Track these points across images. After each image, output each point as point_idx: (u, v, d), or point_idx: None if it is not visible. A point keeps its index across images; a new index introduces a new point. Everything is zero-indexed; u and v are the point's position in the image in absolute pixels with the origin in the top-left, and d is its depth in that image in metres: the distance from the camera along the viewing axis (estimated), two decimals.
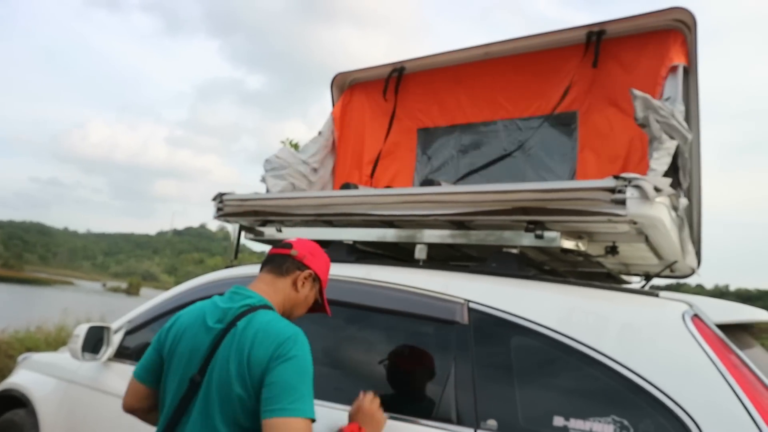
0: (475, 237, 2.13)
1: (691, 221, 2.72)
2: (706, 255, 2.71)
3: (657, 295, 1.72)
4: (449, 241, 2.22)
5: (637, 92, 2.15)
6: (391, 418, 1.76)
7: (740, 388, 1.43)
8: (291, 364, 1.48)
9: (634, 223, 1.79)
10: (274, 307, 1.68)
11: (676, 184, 2.36)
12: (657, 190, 1.72)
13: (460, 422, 1.68)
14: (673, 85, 2.49)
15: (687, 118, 2.59)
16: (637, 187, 1.71)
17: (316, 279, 1.79)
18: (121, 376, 2.73)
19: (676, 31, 2.65)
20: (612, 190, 1.75)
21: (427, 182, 2.84)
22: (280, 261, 1.76)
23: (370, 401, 1.71)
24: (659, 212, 1.76)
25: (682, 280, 2.84)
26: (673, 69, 2.55)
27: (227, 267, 2.77)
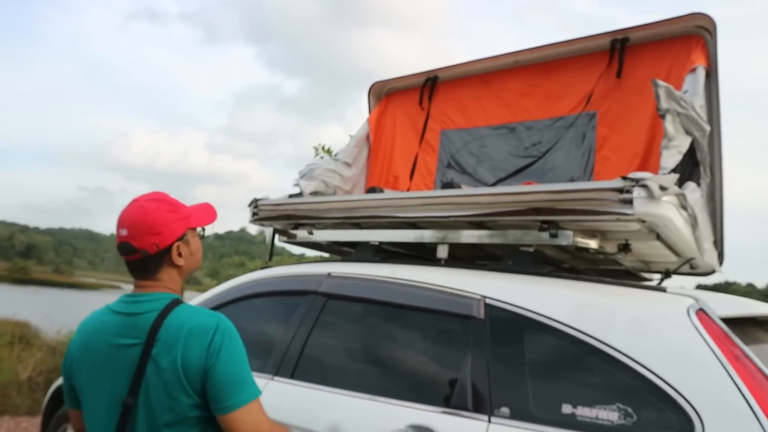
0: (493, 237, 2.24)
1: (714, 219, 2.77)
2: (758, 254, 2.73)
3: (665, 291, 1.81)
4: (470, 241, 2.34)
5: (660, 82, 2.22)
6: (410, 405, 1.89)
7: (741, 380, 1.49)
8: (225, 356, 1.45)
9: (643, 221, 1.87)
10: (179, 294, 1.60)
11: (696, 179, 2.42)
12: (663, 188, 1.80)
13: (476, 410, 1.79)
14: (693, 81, 2.54)
15: (709, 118, 2.65)
16: (644, 186, 1.79)
17: (182, 238, 1.59)
18: None
19: (698, 36, 2.71)
20: (620, 190, 1.83)
21: (447, 185, 2.95)
22: (142, 265, 1.57)
23: None
24: (666, 211, 1.83)
25: (728, 280, 2.88)
26: (693, 69, 2.60)
27: (263, 268, 2.94)
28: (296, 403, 2.17)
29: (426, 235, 2.43)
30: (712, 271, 2.76)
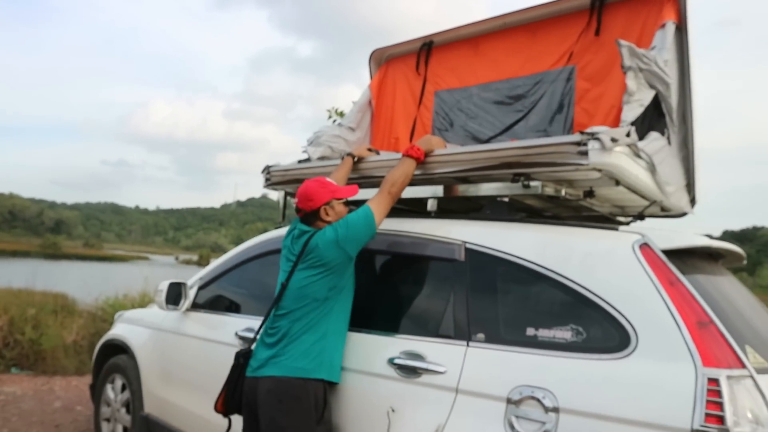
0: (474, 189, 2.53)
1: (687, 164, 3.00)
2: None
3: (617, 229, 2.09)
4: (455, 194, 2.63)
5: (622, 41, 2.45)
6: (403, 336, 2.23)
7: (671, 301, 1.78)
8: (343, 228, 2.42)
9: (599, 170, 2.13)
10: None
11: (661, 129, 2.65)
12: (614, 140, 2.06)
13: (457, 337, 2.12)
14: (661, 37, 2.73)
15: (681, 72, 2.85)
16: (598, 139, 2.05)
17: (327, 204, 2.46)
18: (197, 322, 3.33)
19: None
20: (578, 144, 2.10)
21: None
22: (306, 218, 2.54)
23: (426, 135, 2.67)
24: (618, 160, 2.10)
25: (756, 225, 3.13)
26: (663, 25, 2.80)
27: (276, 228, 3.28)
28: None
29: (417, 191, 2.72)
30: (684, 214, 3.01)
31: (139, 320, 3.88)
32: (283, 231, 3.15)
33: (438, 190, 2.69)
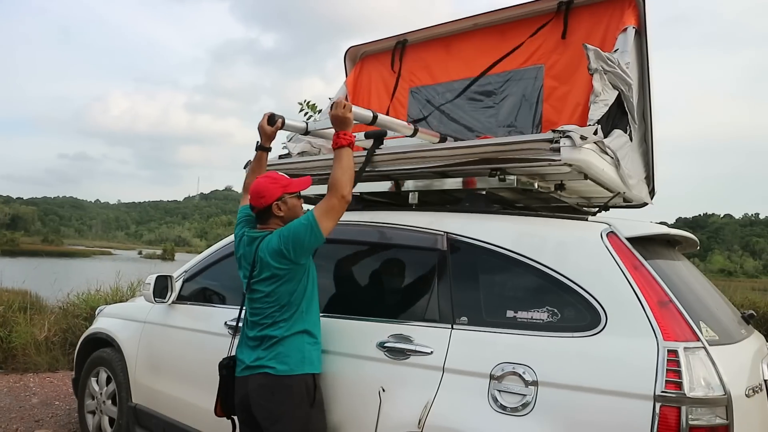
0: (453, 183, 2.70)
1: (647, 158, 3.24)
2: (736, 184, 3.15)
3: (586, 219, 2.29)
4: (434, 188, 2.79)
5: (589, 46, 2.66)
6: (392, 321, 2.39)
7: (635, 283, 1.98)
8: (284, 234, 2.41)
9: (570, 165, 2.32)
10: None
11: (623, 126, 2.86)
12: (583, 138, 2.25)
13: (442, 320, 2.30)
14: (623, 41, 2.95)
15: (641, 73, 3.07)
16: (568, 137, 2.24)
17: (279, 199, 2.47)
18: (184, 314, 3.42)
19: None
20: (550, 141, 2.28)
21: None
22: (260, 216, 2.55)
23: (334, 109, 2.47)
24: (587, 156, 2.29)
25: (707, 212, 3.40)
26: (624, 29, 3.01)
27: None
28: None
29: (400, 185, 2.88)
30: (644, 204, 3.24)
31: (123, 314, 3.94)
32: None
33: (417, 183, 2.84)
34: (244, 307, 2.55)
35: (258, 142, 2.90)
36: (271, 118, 2.81)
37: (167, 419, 3.32)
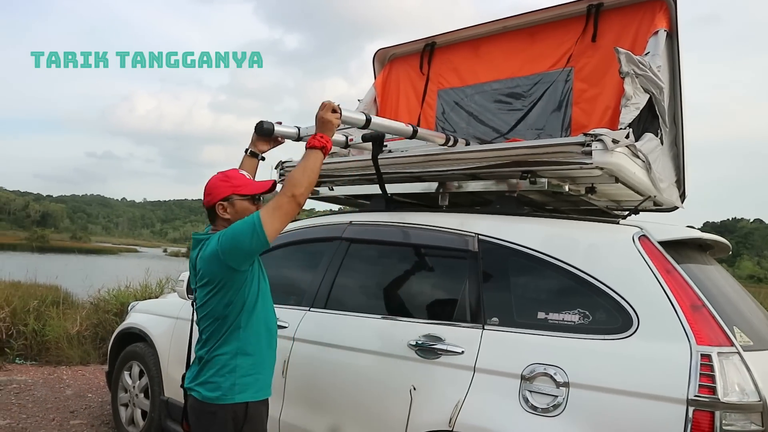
0: (485, 186, 2.72)
1: (678, 162, 3.22)
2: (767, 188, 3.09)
3: (618, 222, 2.30)
4: (467, 190, 2.82)
5: (620, 49, 2.65)
6: (422, 321, 2.42)
7: (668, 287, 1.99)
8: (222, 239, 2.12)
9: (601, 168, 2.33)
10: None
11: (654, 130, 2.86)
12: (615, 141, 2.26)
13: (473, 321, 2.32)
14: (654, 44, 2.94)
15: (672, 76, 3.06)
16: (600, 141, 2.25)
17: (226, 199, 2.23)
18: None
19: (661, 1, 3.09)
20: (582, 144, 2.29)
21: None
22: (208, 215, 2.32)
23: (320, 110, 2.24)
24: (618, 159, 2.30)
25: (736, 216, 3.36)
26: (656, 32, 3.00)
27: (292, 221, 3.45)
28: (331, 327, 2.73)
29: (430, 186, 2.91)
30: (675, 207, 3.23)
31: (155, 310, 4.04)
32: (299, 223, 3.33)
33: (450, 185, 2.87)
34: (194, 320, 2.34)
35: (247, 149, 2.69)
36: (259, 126, 2.60)
37: None
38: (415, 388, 2.29)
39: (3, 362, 6.32)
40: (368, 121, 2.54)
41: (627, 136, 2.34)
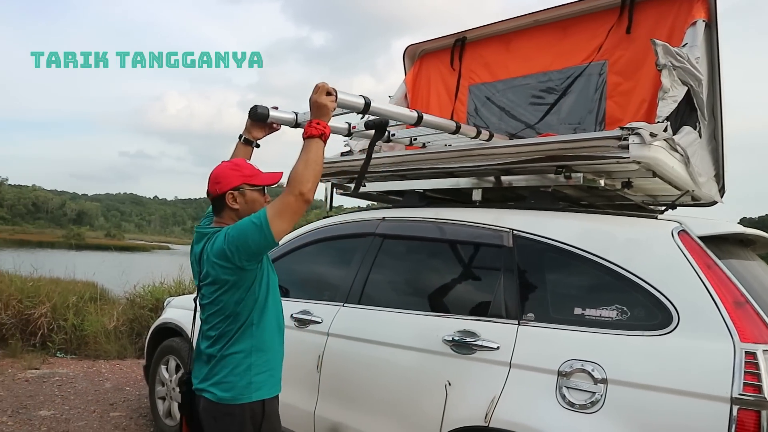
0: (519, 181, 2.70)
1: (716, 156, 3.15)
2: None
3: (656, 217, 2.26)
4: (498, 185, 2.80)
5: (657, 41, 2.59)
6: (457, 317, 2.42)
7: (709, 282, 1.95)
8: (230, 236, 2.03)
9: (638, 162, 2.29)
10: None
11: (692, 123, 2.80)
12: (653, 135, 2.22)
13: (508, 317, 2.31)
14: (692, 35, 2.87)
15: (711, 68, 2.99)
16: (638, 134, 2.22)
17: (237, 189, 2.14)
18: None
19: None
20: (619, 138, 2.26)
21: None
22: (213, 205, 2.23)
23: (313, 93, 2.09)
24: (657, 153, 2.25)
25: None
26: (693, 23, 2.94)
27: (324, 218, 3.48)
28: (365, 323, 2.74)
29: (462, 182, 2.90)
30: (714, 202, 3.16)
31: (191, 305, 4.10)
32: (331, 219, 3.35)
33: (483, 180, 2.85)
34: (197, 315, 2.28)
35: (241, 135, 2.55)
36: (253, 110, 2.44)
37: None
38: (450, 384, 2.29)
39: (45, 356, 6.52)
40: (367, 105, 2.36)
41: (665, 130, 2.29)
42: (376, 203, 3.85)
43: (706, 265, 2.01)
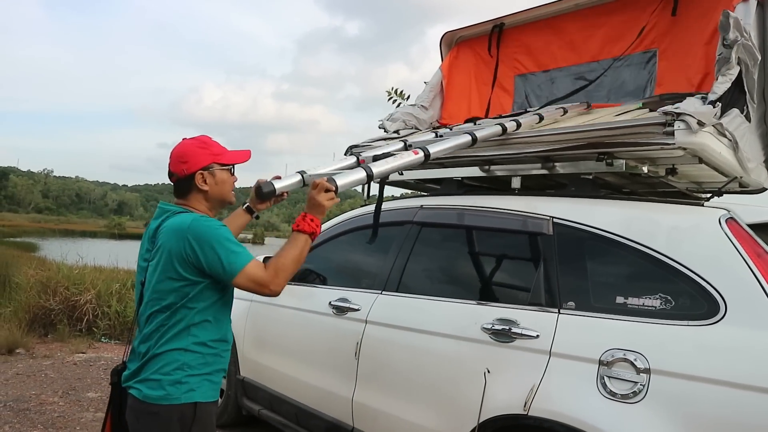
0: (560, 168, 2.66)
1: (766, 142, 3.04)
2: None
3: (702, 204, 2.20)
4: (540, 173, 2.76)
5: (729, 12, 2.41)
6: (496, 305, 2.41)
7: (759, 272, 1.89)
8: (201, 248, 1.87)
9: (684, 149, 2.23)
10: (198, 210, 2.02)
11: (741, 106, 2.69)
12: (700, 124, 2.15)
13: (548, 305, 2.29)
14: (743, 11, 2.73)
15: (760, 47, 2.87)
16: (683, 121, 2.15)
17: (207, 168, 2.00)
18: (289, 294, 3.56)
19: None
20: (663, 124, 2.20)
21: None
22: (177, 187, 2.05)
23: (312, 189, 2.00)
24: (704, 139, 2.19)
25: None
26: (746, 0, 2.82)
27: (362, 206, 3.49)
28: (404, 310, 2.75)
29: (502, 170, 2.87)
30: (763, 189, 3.05)
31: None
32: (368, 208, 3.37)
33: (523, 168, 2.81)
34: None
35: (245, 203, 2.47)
36: (259, 190, 2.27)
37: (273, 392, 3.52)
38: (489, 372, 2.29)
39: (91, 340, 6.76)
40: (369, 176, 2.17)
41: (715, 115, 2.22)
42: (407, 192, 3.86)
43: (756, 254, 1.95)
